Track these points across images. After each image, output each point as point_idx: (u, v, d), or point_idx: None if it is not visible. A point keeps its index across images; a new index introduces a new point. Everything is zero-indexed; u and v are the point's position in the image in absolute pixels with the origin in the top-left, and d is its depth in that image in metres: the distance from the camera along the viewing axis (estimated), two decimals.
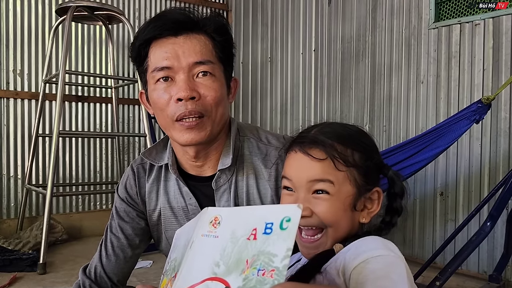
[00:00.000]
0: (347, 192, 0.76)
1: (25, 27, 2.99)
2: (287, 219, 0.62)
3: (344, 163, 0.76)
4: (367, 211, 0.80)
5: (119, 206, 1.12)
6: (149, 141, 2.76)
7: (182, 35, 0.95)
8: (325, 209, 0.76)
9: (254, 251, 0.62)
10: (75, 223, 3.12)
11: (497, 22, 2.25)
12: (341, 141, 0.78)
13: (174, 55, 0.93)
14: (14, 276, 2.22)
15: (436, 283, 1.64)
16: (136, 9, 3.42)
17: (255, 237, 0.63)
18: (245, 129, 1.09)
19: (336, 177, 0.76)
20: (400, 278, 0.63)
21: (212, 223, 0.69)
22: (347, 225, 0.77)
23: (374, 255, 0.66)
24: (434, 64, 2.51)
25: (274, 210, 0.64)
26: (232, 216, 0.69)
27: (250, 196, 1.02)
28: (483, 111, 1.71)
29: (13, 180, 2.96)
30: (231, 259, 0.64)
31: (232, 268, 0.63)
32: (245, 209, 0.72)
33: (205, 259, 0.67)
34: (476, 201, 2.30)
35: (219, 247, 0.66)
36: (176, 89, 0.93)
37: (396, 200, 0.82)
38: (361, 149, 0.78)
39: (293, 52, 3.39)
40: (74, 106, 3.19)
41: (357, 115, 2.93)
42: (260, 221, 0.64)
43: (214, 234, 0.68)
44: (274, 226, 0.62)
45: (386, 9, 2.76)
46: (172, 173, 1.05)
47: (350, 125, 0.84)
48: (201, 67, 0.94)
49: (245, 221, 0.66)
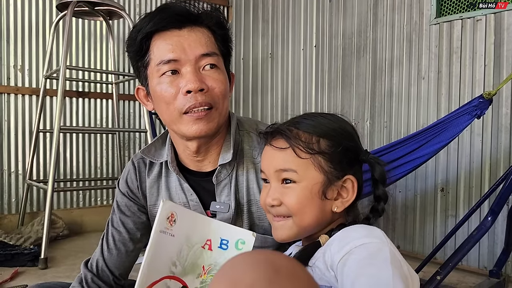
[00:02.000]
0: (314, 179, 0.76)
1: (26, 22, 2.99)
2: (241, 241, 0.67)
3: (306, 150, 0.76)
4: (341, 199, 0.79)
5: (120, 200, 1.12)
6: (149, 136, 2.76)
7: (186, 28, 0.94)
8: (292, 197, 0.77)
9: (210, 261, 0.67)
10: (76, 218, 3.12)
11: (499, 18, 2.24)
12: (307, 130, 0.78)
13: (180, 47, 0.92)
14: (16, 271, 2.23)
15: (437, 277, 1.64)
16: (137, 4, 3.41)
17: (210, 247, 0.68)
18: (244, 123, 1.09)
19: (299, 165, 0.77)
20: (383, 263, 0.63)
21: (169, 220, 0.71)
22: (314, 214, 0.77)
23: (356, 245, 0.66)
24: (436, 60, 2.50)
25: (230, 230, 0.69)
26: (186, 218, 0.72)
27: (250, 190, 1.03)
28: (484, 106, 1.70)
29: (14, 176, 2.96)
30: (187, 262, 0.68)
31: (188, 270, 0.68)
32: (199, 217, 0.75)
33: (163, 257, 0.70)
34: (477, 197, 2.30)
35: (175, 247, 0.70)
36: (184, 82, 0.92)
37: (378, 187, 0.80)
38: (329, 136, 0.78)
39: (294, 48, 3.38)
40: (75, 101, 3.19)
41: (358, 110, 2.93)
42: (215, 234, 0.69)
43: (171, 232, 0.71)
44: (229, 244, 0.68)
45: (387, 5, 2.75)
46: (171, 170, 1.04)
47: (327, 113, 0.85)
48: (207, 59, 0.94)
49: (199, 229, 0.70)
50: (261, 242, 1.03)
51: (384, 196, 0.80)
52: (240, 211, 1.03)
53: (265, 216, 1.02)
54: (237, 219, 1.03)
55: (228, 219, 1.01)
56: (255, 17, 3.69)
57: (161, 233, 0.71)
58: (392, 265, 0.63)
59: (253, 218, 1.03)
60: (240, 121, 1.09)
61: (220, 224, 0.72)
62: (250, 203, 1.03)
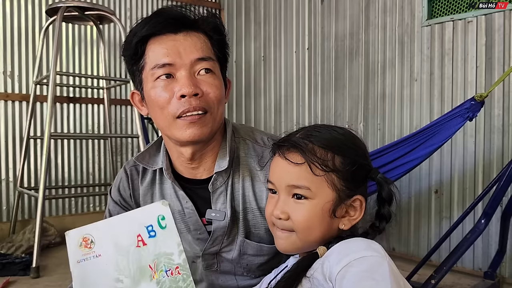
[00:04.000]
0: (326, 197, 0.76)
1: (15, 28, 2.96)
2: (161, 217, 0.64)
3: (322, 167, 0.75)
4: (348, 217, 0.78)
5: (112, 208, 1.10)
6: (142, 142, 2.74)
7: (181, 32, 0.94)
8: (302, 214, 0.76)
9: (151, 256, 0.64)
10: (68, 225, 3.07)
11: (490, 20, 2.25)
12: (322, 145, 0.77)
13: (175, 51, 0.92)
14: (7, 280, 2.20)
15: (432, 281, 1.64)
16: (128, 9, 3.39)
17: (144, 242, 0.65)
18: (240, 130, 1.08)
19: (313, 182, 0.75)
20: (383, 277, 0.63)
21: (84, 245, 0.68)
22: (322, 231, 0.77)
23: (356, 258, 0.66)
24: (428, 62, 2.51)
25: (144, 213, 0.66)
26: (104, 230, 0.69)
27: (246, 198, 1.01)
28: (476, 109, 1.70)
29: (5, 183, 2.93)
30: (132, 270, 0.64)
31: (138, 277, 0.64)
32: (114, 220, 0.72)
33: (98, 283, 0.65)
34: (471, 199, 2.31)
35: (109, 264, 0.66)
36: (178, 86, 0.91)
37: (384, 206, 0.79)
38: (343, 153, 0.77)
39: (287, 50, 3.38)
40: (66, 107, 3.16)
41: (351, 113, 2.93)
42: (140, 226, 0.66)
43: (94, 254, 0.67)
44: (155, 228, 0.64)
45: (379, 7, 2.75)
46: (166, 177, 1.03)
47: (338, 127, 0.82)
48: (203, 63, 0.93)
49: (123, 230, 0.67)
50: (256, 251, 1.02)
51: (388, 216, 0.79)
52: (235, 219, 1.01)
53: (260, 224, 1.01)
54: (233, 227, 1.02)
55: (223, 227, 1.00)
56: (247, 20, 3.68)
57: (81, 263, 0.66)
58: (391, 280, 0.63)
59: (249, 226, 1.02)
60: (236, 128, 1.08)
61: (134, 213, 0.69)
62: (246, 211, 1.01)
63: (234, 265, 1.04)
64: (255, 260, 1.03)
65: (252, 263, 1.03)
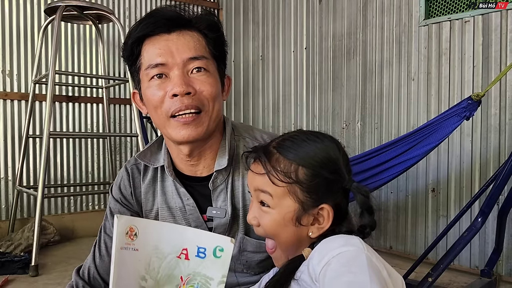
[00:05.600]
0: (288, 207, 0.76)
1: (14, 27, 2.96)
2: (220, 249, 0.65)
3: (282, 179, 0.75)
4: (317, 225, 0.77)
5: (113, 206, 1.11)
6: (140, 141, 2.75)
7: (175, 32, 0.95)
8: (266, 221, 0.78)
9: (188, 271, 0.65)
10: (67, 224, 3.09)
11: (487, 19, 2.26)
12: (288, 156, 0.77)
13: (167, 51, 0.93)
14: (6, 279, 2.20)
15: (429, 279, 1.65)
16: (126, 8, 3.39)
17: (187, 257, 0.66)
18: (239, 128, 1.09)
19: (274, 190, 0.76)
20: (360, 269, 0.64)
21: (129, 235, 0.69)
22: (290, 239, 0.78)
23: (333, 255, 0.67)
24: (425, 61, 2.52)
25: (206, 236, 0.67)
26: (151, 229, 0.69)
27: (246, 195, 1.02)
28: (473, 108, 1.72)
29: (4, 182, 2.93)
30: (160, 274, 0.66)
31: (162, 282, 0.65)
32: (170, 227, 0.73)
33: (130, 274, 0.67)
34: (468, 197, 2.32)
35: (142, 261, 0.67)
36: (171, 85, 0.92)
37: (363, 215, 0.77)
38: (309, 165, 0.76)
39: (285, 50, 3.39)
40: (65, 106, 3.17)
41: (348, 112, 2.94)
42: (191, 243, 0.66)
43: (133, 246, 0.68)
44: (207, 252, 0.66)
45: (376, 7, 2.77)
46: (168, 175, 1.04)
47: (318, 136, 0.80)
48: (195, 62, 0.94)
49: (171, 238, 0.68)
50: (255, 248, 1.03)
51: (371, 225, 0.77)
52: (236, 216, 1.03)
53: None
54: (233, 224, 1.03)
55: (224, 224, 1.02)
56: (245, 20, 3.69)
57: (122, 250, 0.68)
58: (369, 271, 0.63)
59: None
60: (235, 126, 1.09)
61: (196, 232, 0.70)
62: (246, 208, 1.03)
63: (234, 262, 1.06)
64: (255, 257, 1.04)
65: (252, 259, 1.05)
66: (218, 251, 0.66)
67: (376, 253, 0.70)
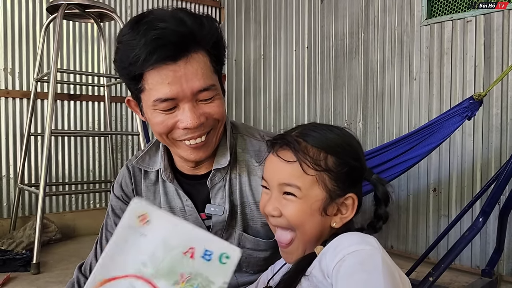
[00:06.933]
0: (316, 196, 0.76)
1: (16, 25, 2.96)
2: (226, 256, 0.65)
3: (314, 167, 0.75)
4: (340, 216, 0.78)
5: (115, 204, 1.12)
6: (142, 139, 2.75)
7: (181, 60, 0.86)
8: (292, 211, 0.77)
9: (190, 269, 0.65)
10: (68, 222, 3.10)
11: (489, 19, 2.26)
12: (316, 144, 0.76)
13: (176, 83, 0.87)
14: (8, 276, 2.21)
15: (430, 278, 1.65)
16: (128, 6, 3.39)
17: (192, 255, 0.65)
18: (238, 126, 1.09)
19: (303, 181, 0.75)
20: (374, 269, 0.64)
21: (140, 219, 0.69)
22: (314, 229, 0.77)
23: (349, 252, 0.67)
24: (427, 61, 2.52)
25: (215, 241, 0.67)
26: (164, 221, 0.69)
27: (243, 193, 1.03)
28: (474, 108, 1.72)
29: (5, 180, 2.94)
30: (161, 265, 0.65)
31: (162, 273, 0.65)
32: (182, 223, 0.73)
33: (130, 254, 0.66)
34: (469, 197, 2.32)
35: (147, 247, 0.66)
36: (183, 118, 0.89)
37: (380, 206, 0.79)
38: (337, 153, 0.77)
39: (286, 49, 3.39)
40: (66, 104, 3.17)
41: (350, 112, 2.94)
42: (199, 243, 0.66)
43: (142, 231, 0.68)
44: (213, 256, 0.66)
45: (378, 6, 2.76)
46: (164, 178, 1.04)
47: (336, 127, 0.82)
48: (205, 93, 0.90)
49: (180, 233, 0.67)
50: (254, 245, 1.04)
51: (385, 216, 0.79)
52: (234, 213, 1.03)
53: (257, 218, 1.03)
54: (231, 221, 1.03)
55: (223, 222, 1.02)
56: (247, 19, 3.69)
57: (130, 229, 0.67)
58: (383, 272, 0.63)
59: (247, 220, 1.04)
60: (234, 124, 1.09)
61: (206, 235, 0.70)
62: (243, 205, 1.03)
63: None
64: (254, 254, 1.05)
65: (251, 256, 1.05)
66: (224, 258, 0.66)
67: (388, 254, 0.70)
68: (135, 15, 0.97)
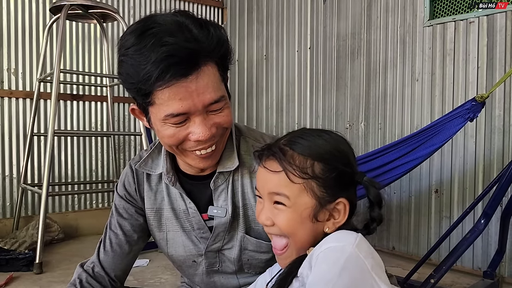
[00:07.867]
0: (305, 204, 0.76)
1: (19, 25, 2.97)
2: None
3: (300, 175, 0.75)
4: (333, 221, 0.78)
5: (118, 203, 1.13)
6: (144, 140, 2.76)
7: (192, 75, 0.85)
8: (282, 220, 0.78)
9: None
10: (71, 222, 3.11)
11: (491, 20, 2.26)
12: (302, 152, 0.77)
13: (188, 98, 0.86)
14: (11, 276, 2.22)
15: (431, 280, 1.66)
16: (131, 7, 3.40)
17: None
18: (241, 129, 1.10)
19: (291, 190, 0.76)
20: (334, 263, 0.67)
21: None
22: (307, 236, 0.78)
23: (326, 247, 0.70)
24: (429, 62, 2.52)
25: None
26: None
27: (245, 195, 1.04)
28: (477, 109, 1.72)
29: (9, 180, 2.95)
30: None
31: None
32: None
33: None
34: (471, 198, 2.32)
35: None
36: (194, 130, 0.89)
37: (373, 209, 0.79)
38: (324, 160, 0.77)
39: (289, 50, 3.39)
40: (69, 105, 3.18)
41: (352, 112, 2.94)
42: None
43: None
44: None
45: (381, 7, 2.76)
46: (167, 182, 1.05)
47: (325, 132, 0.81)
48: (215, 105, 0.90)
49: None
50: (256, 247, 1.04)
51: (379, 219, 0.79)
52: (236, 215, 1.04)
53: None
54: (234, 223, 1.04)
55: (225, 223, 1.03)
56: (250, 19, 3.69)
57: None
58: (343, 267, 0.66)
59: (249, 222, 1.04)
60: (237, 127, 1.10)
61: None
62: (245, 207, 1.04)
63: (235, 264, 1.07)
64: (256, 255, 1.05)
65: (253, 258, 1.06)
66: None
67: (374, 252, 0.71)
68: (137, 15, 0.95)
